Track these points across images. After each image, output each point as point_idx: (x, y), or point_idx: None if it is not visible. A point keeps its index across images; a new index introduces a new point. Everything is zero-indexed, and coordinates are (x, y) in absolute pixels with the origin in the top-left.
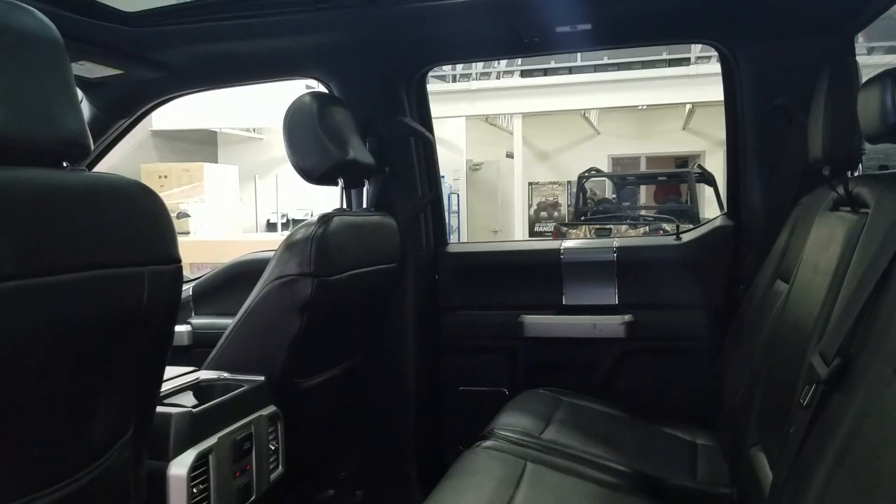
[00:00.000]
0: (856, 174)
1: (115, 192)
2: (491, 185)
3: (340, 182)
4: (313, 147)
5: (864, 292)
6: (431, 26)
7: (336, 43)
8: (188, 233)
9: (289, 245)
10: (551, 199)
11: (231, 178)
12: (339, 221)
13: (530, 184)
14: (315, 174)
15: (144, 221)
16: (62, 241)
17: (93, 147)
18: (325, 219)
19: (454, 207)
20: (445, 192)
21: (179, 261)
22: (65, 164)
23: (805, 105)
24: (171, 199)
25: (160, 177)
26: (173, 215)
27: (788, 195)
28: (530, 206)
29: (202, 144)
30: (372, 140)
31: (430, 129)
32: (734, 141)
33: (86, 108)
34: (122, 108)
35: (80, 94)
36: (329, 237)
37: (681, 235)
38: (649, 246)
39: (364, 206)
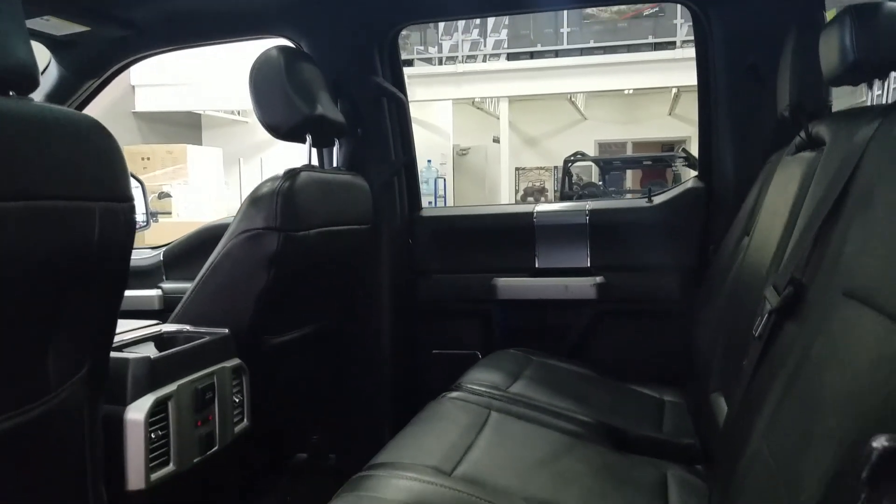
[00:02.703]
0: None
1: (63, 123)
2: (478, 170)
3: (308, 139)
4: (280, 101)
5: (817, 223)
6: None
7: (307, 1)
8: (170, 213)
9: (254, 199)
10: (538, 184)
11: (215, 161)
12: (306, 177)
13: (517, 169)
14: (282, 129)
15: (95, 156)
16: (5, 169)
17: (40, 81)
18: (291, 173)
19: (441, 192)
20: (432, 176)
21: (132, 199)
22: (11, 94)
23: (776, 64)
24: (155, 180)
25: (143, 158)
26: (154, 196)
27: (759, 155)
28: (517, 191)
29: (186, 127)
30: (344, 101)
31: (404, 91)
32: (706, 102)
33: (54, 69)
34: (91, 68)
35: (48, 54)
36: (296, 192)
37: (652, 198)
38: (621, 209)
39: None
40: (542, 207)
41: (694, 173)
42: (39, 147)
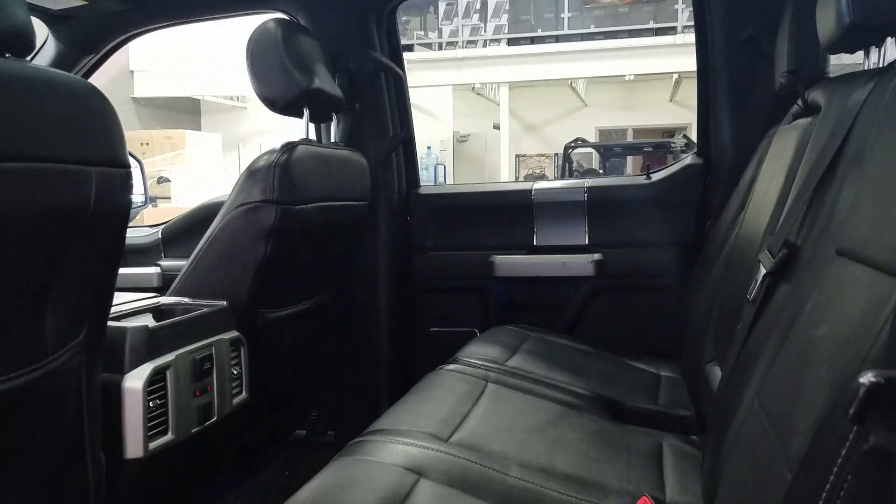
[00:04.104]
0: None
1: (59, 86)
2: (478, 157)
3: (306, 113)
4: (277, 74)
5: (811, 186)
6: None
7: None
8: (169, 198)
9: (251, 172)
10: (538, 171)
11: (214, 146)
12: (303, 150)
13: (518, 156)
14: (279, 102)
15: (91, 120)
16: (1, 129)
17: (39, 52)
18: (288, 146)
19: (441, 179)
20: (432, 163)
21: (129, 165)
22: (7, 56)
23: (773, 38)
24: (154, 165)
25: (142, 144)
26: (153, 181)
27: (757, 130)
28: (517, 178)
29: (185, 112)
30: (341, 76)
31: (401, 66)
32: (705, 77)
33: (52, 44)
34: (89, 43)
35: (45, 29)
36: (293, 165)
37: (651, 175)
38: (620, 186)
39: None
40: (541, 185)
41: None
42: (36, 108)
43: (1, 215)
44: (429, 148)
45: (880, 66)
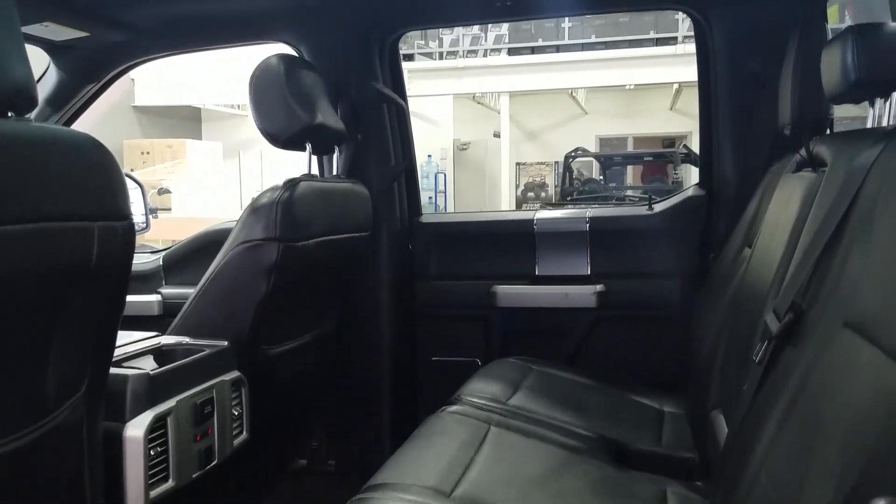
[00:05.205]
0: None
1: (61, 144)
2: (478, 165)
3: (308, 147)
4: (280, 109)
5: (818, 248)
6: None
7: (306, 6)
8: (170, 209)
9: (254, 209)
10: (539, 179)
11: (215, 155)
12: (306, 186)
13: (518, 164)
14: (281, 138)
15: (93, 175)
16: (5, 192)
17: (39, 98)
18: (290, 183)
19: (441, 187)
20: (432, 171)
21: (131, 217)
22: (10, 115)
23: (777, 71)
24: (154, 174)
25: (143, 153)
26: (154, 191)
27: (760, 163)
28: (518, 186)
29: (186, 120)
30: (344, 106)
31: (404, 97)
32: (707, 109)
33: (53, 73)
34: (91, 72)
35: (46, 58)
36: (295, 202)
37: (653, 206)
38: (622, 216)
39: (335, 174)
40: (543, 214)
41: (695, 169)
42: (38, 169)
43: (1, 277)
44: (429, 156)
45: (886, 119)
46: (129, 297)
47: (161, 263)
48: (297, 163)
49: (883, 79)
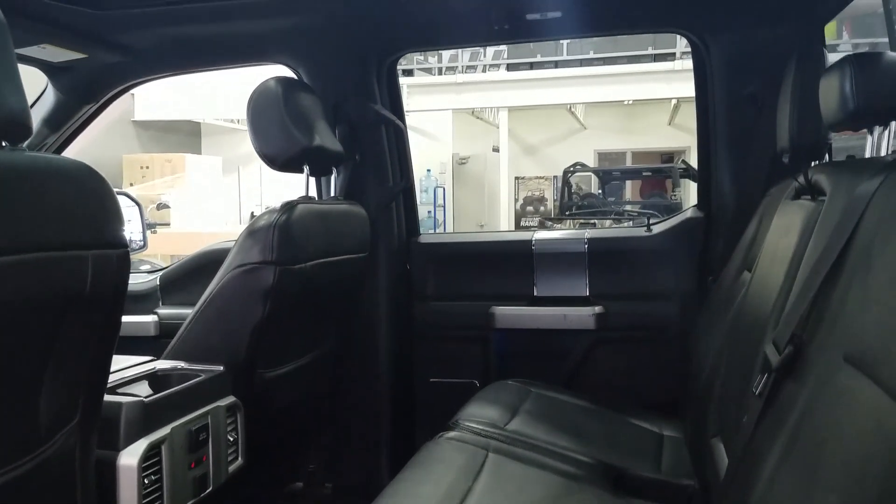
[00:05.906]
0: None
1: (55, 173)
2: (477, 179)
3: (306, 170)
4: (278, 132)
5: (817, 280)
6: (401, 12)
7: (304, 28)
8: (168, 224)
9: (251, 232)
10: (538, 193)
11: (214, 169)
12: (303, 209)
13: (517, 178)
14: (279, 160)
15: (87, 204)
16: (1, 223)
17: (35, 121)
18: (288, 206)
19: (440, 201)
20: (431, 186)
21: (126, 245)
22: (4, 144)
23: (775, 94)
24: (153, 189)
25: (142, 167)
26: (153, 206)
27: (758, 186)
28: (517, 200)
29: (185, 135)
30: (342, 128)
31: (402, 117)
32: (705, 131)
33: (51, 94)
34: (88, 92)
35: (45, 78)
36: (292, 225)
37: (651, 227)
38: (620, 237)
39: (333, 194)
40: (541, 235)
41: (693, 184)
42: (32, 199)
43: None
44: (428, 170)
45: (885, 146)
46: (126, 318)
47: (158, 283)
48: (296, 178)
49: (882, 108)
